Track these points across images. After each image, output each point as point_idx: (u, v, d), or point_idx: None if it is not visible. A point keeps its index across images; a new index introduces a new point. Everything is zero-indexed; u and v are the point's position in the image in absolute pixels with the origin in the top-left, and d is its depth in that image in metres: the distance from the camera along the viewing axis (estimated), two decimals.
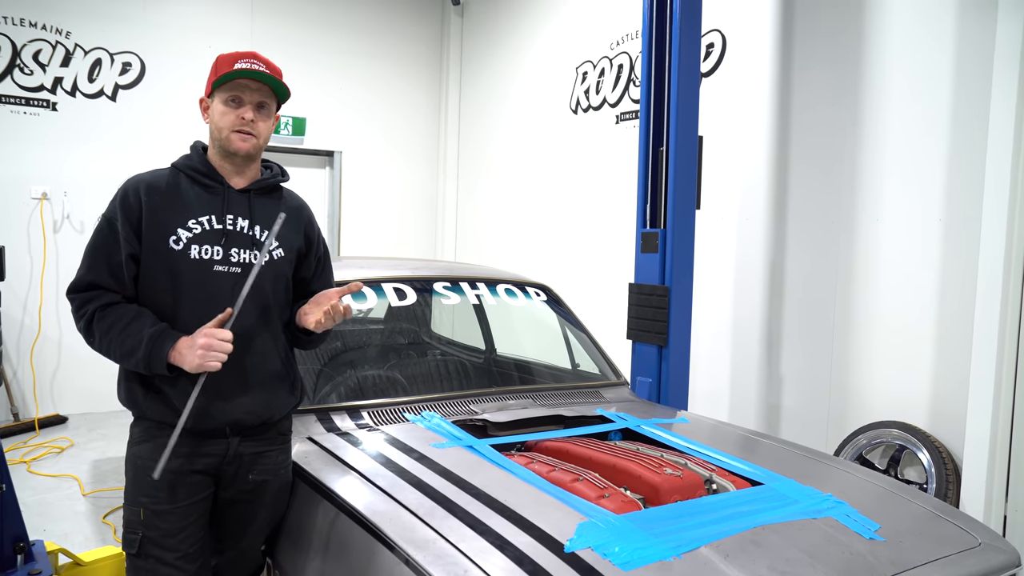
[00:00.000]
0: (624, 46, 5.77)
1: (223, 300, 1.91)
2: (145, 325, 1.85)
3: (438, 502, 1.84)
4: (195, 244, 1.92)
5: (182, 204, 1.95)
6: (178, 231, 1.92)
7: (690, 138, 3.94)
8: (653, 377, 4.02)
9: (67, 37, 6.15)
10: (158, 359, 1.82)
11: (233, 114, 1.95)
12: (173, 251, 1.90)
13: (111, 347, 1.87)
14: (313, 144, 7.33)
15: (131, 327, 1.85)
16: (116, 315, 1.88)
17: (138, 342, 1.83)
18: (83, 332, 1.93)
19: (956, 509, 2.10)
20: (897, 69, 3.92)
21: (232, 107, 1.96)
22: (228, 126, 1.95)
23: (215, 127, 1.99)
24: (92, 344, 1.92)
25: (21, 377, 6.07)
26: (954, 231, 3.68)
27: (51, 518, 4.03)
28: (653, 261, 3.97)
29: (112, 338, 1.86)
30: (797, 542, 1.73)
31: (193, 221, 1.94)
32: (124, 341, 1.85)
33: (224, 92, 1.96)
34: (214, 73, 1.98)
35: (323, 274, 2.23)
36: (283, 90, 2.02)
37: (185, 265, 1.91)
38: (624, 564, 1.57)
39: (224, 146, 1.98)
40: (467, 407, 2.69)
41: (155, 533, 1.92)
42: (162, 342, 1.82)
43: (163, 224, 1.91)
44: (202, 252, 1.93)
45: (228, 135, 1.96)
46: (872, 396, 4.03)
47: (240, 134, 1.96)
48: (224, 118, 1.96)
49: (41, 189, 6.07)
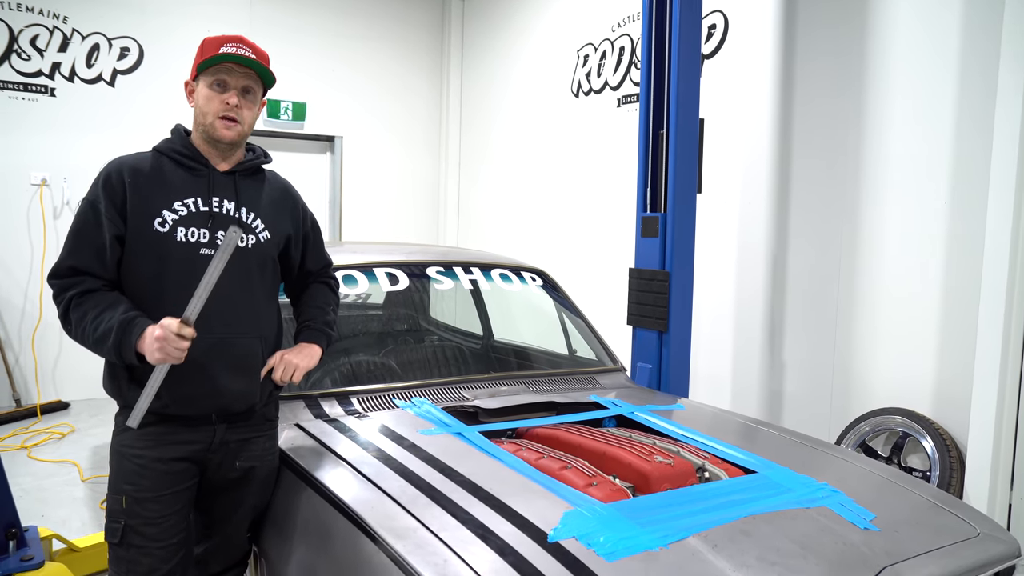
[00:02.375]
0: (625, 28, 5.68)
1: None
2: (117, 312, 1.80)
3: (422, 490, 1.80)
4: (181, 226, 1.88)
5: (167, 186, 1.91)
6: (164, 213, 1.88)
7: (691, 121, 3.87)
8: (654, 363, 3.98)
9: (64, 22, 6.10)
10: (127, 347, 1.76)
11: (218, 99, 1.93)
12: (159, 233, 1.86)
13: (85, 334, 1.82)
14: (314, 129, 7.27)
15: (104, 314, 1.80)
16: (92, 302, 1.83)
17: (109, 329, 1.77)
18: (61, 319, 1.88)
19: (955, 498, 2.05)
20: (902, 51, 3.83)
21: (217, 91, 1.93)
22: (213, 111, 1.93)
23: (199, 111, 1.96)
24: (69, 332, 1.87)
25: (23, 363, 6.07)
26: (959, 215, 3.61)
27: (50, 504, 4.03)
28: (653, 246, 3.92)
29: (86, 325, 1.81)
30: (788, 532, 1.69)
31: (179, 203, 1.90)
32: (96, 328, 1.79)
33: (209, 76, 1.93)
34: (200, 56, 1.95)
35: (314, 251, 2.25)
36: (269, 76, 1.99)
37: (172, 248, 1.87)
38: (609, 554, 1.52)
39: (209, 132, 1.95)
40: (458, 393, 2.65)
41: (137, 522, 1.89)
42: (131, 330, 1.76)
43: (148, 206, 1.87)
44: (188, 235, 1.89)
45: (213, 121, 1.93)
46: (875, 382, 3.98)
47: (225, 121, 1.93)
48: (209, 103, 1.93)
49: (40, 175, 6.05)
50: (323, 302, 2.24)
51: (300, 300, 2.25)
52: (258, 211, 2.02)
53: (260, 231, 2.01)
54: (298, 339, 2.16)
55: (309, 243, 2.23)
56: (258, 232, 2.01)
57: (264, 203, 2.05)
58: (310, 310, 2.21)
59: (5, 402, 5.95)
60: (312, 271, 2.26)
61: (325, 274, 2.31)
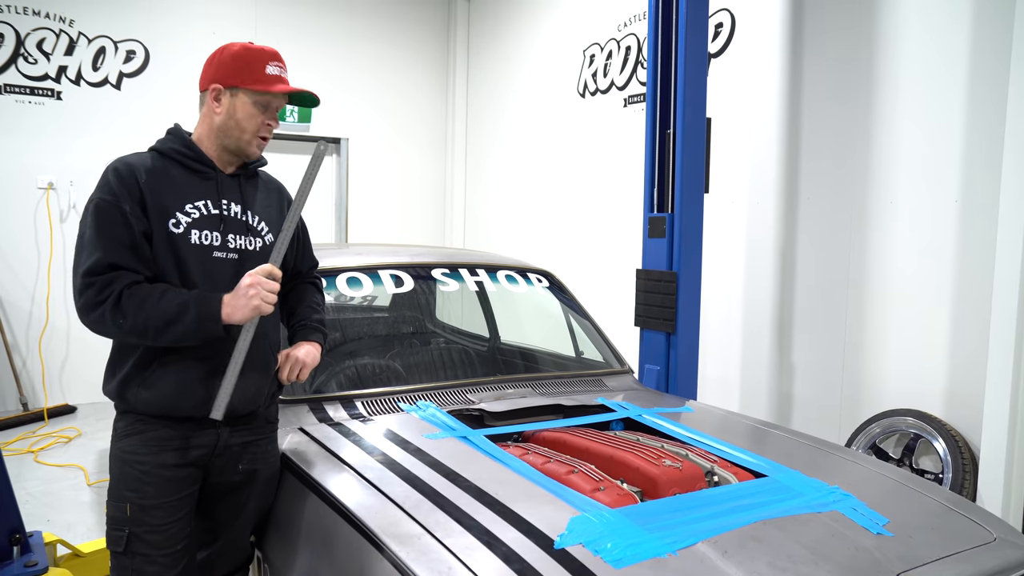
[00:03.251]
0: (632, 27, 5.65)
1: (222, 287, 1.85)
2: (181, 293, 1.80)
3: (426, 495, 1.78)
4: (194, 229, 1.87)
5: (176, 187, 1.89)
6: (177, 215, 1.86)
7: (698, 120, 3.84)
8: (661, 365, 3.95)
9: (71, 25, 6.11)
10: (209, 316, 1.77)
11: (260, 119, 1.94)
12: (174, 235, 1.84)
13: (148, 321, 1.75)
14: (320, 131, 7.26)
15: (166, 297, 1.77)
16: (147, 290, 1.78)
17: (183, 307, 1.76)
18: (109, 313, 1.75)
19: (970, 502, 2.01)
20: (913, 46, 3.79)
21: (260, 111, 1.93)
22: (252, 130, 1.94)
23: (236, 125, 1.93)
24: (121, 324, 1.75)
25: (30, 367, 6.07)
26: (970, 214, 3.56)
27: (56, 508, 4.02)
28: (661, 246, 3.89)
29: (148, 311, 1.75)
30: (800, 537, 1.65)
31: (190, 206, 1.88)
32: (166, 310, 1.75)
33: (255, 94, 1.92)
34: (245, 70, 1.90)
35: (304, 252, 2.27)
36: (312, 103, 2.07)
37: (188, 250, 1.86)
38: (616, 561, 1.49)
39: (242, 148, 1.95)
40: (464, 396, 2.62)
41: (142, 529, 1.86)
42: (208, 300, 1.78)
43: (163, 207, 1.85)
44: (202, 237, 1.88)
45: (251, 139, 1.94)
46: (886, 383, 3.93)
47: (261, 140, 1.96)
48: (251, 121, 1.93)
49: (47, 179, 6.05)
50: (313, 302, 2.24)
51: (289, 300, 2.23)
52: (261, 214, 2.01)
53: (265, 234, 2.01)
54: (296, 338, 2.15)
55: (300, 244, 2.24)
56: (264, 235, 2.00)
57: (264, 205, 2.05)
58: (303, 309, 2.20)
59: (12, 406, 5.95)
60: (301, 271, 2.27)
61: (311, 275, 2.31)
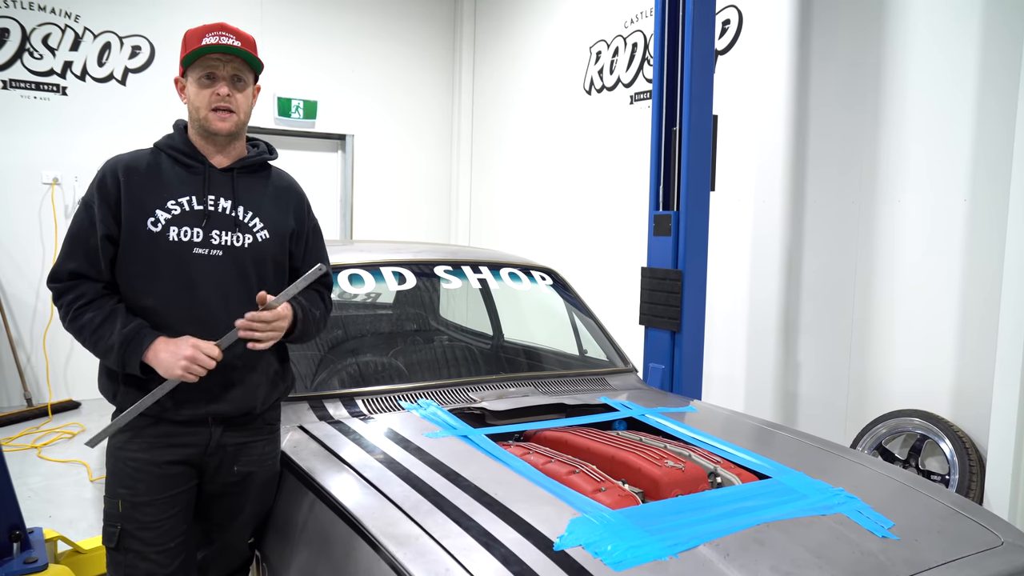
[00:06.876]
0: (638, 24, 5.62)
1: (202, 284, 1.85)
2: (115, 327, 1.81)
3: (425, 495, 1.76)
4: (174, 226, 1.85)
5: (161, 184, 1.88)
6: (156, 212, 1.85)
7: (704, 117, 3.81)
8: (666, 364, 3.91)
9: (76, 20, 6.10)
10: (132, 362, 1.80)
11: (208, 91, 1.89)
12: (151, 233, 1.84)
13: (86, 345, 1.87)
14: (325, 128, 7.25)
15: (102, 329, 1.82)
16: (88, 316, 1.84)
17: (110, 347, 1.80)
18: (67, 324, 1.89)
19: (976, 505, 1.98)
20: (919, 48, 3.75)
21: (206, 84, 1.89)
22: (205, 104, 1.89)
23: (192, 107, 1.92)
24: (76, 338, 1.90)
25: (35, 362, 6.08)
26: (980, 212, 3.52)
27: (58, 504, 4.02)
28: (666, 244, 3.86)
29: (85, 338, 1.85)
30: (803, 540, 1.63)
31: (172, 202, 1.87)
32: (97, 344, 1.83)
33: (197, 70, 1.90)
34: (184, 50, 1.91)
35: (313, 253, 2.13)
36: (256, 62, 1.95)
37: (163, 248, 1.84)
38: (616, 564, 1.47)
39: (204, 126, 1.91)
40: (466, 395, 2.60)
41: (133, 526, 1.86)
42: (137, 345, 1.79)
43: (141, 205, 1.85)
44: (181, 234, 1.86)
45: (206, 114, 1.90)
46: (892, 384, 3.89)
47: (219, 112, 1.89)
48: (199, 96, 1.90)
49: (52, 174, 6.06)
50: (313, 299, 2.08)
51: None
52: (257, 210, 1.96)
53: (258, 230, 1.96)
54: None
55: (310, 246, 2.13)
56: (255, 231, 1.95)
57: (265, 201, 2.00)
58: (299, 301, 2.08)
59: (17, 401, 5.96)
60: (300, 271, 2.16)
61: (320, 282, 2.14)
